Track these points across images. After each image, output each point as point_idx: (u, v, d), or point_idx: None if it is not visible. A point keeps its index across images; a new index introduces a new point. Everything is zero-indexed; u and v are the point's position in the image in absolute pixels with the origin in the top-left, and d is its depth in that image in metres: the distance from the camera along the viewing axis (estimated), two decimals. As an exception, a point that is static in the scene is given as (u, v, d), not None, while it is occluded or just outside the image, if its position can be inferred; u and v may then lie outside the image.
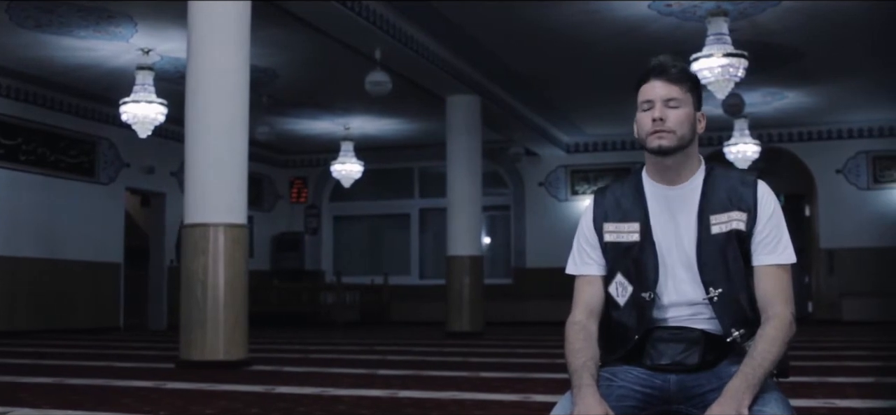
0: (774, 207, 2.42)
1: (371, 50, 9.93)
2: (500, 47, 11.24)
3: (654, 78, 2.41)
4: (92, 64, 11.41)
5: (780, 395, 2.25)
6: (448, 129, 12.73)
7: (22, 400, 4.64)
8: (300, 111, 14.58)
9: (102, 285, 13.99)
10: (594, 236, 2.52)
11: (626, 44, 10.49)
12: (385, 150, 17.54)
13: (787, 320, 2.34)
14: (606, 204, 2.53)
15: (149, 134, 11.15)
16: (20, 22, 9.79)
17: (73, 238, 13.39)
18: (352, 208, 19.20)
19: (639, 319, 2.43)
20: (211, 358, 6.79)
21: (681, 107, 2.38)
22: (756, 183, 2.43)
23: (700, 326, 2.39)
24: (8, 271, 12.38)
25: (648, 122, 2.40)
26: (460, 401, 4.59)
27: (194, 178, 7.05)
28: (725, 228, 2.38)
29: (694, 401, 2.33)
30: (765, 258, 2.39)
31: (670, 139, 2.38)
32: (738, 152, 13.91)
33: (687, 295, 2.41)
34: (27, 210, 12.68)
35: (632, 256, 2.45)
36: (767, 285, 2.37)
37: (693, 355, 2.36)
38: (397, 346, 9.94)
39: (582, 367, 2.34)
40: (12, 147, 12.50)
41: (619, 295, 2.48)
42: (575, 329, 2.45)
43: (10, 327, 12.20)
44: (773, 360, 2.25)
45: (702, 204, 2.41)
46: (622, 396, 2.35)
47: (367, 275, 18.19)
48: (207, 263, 6.87)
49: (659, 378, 2.38)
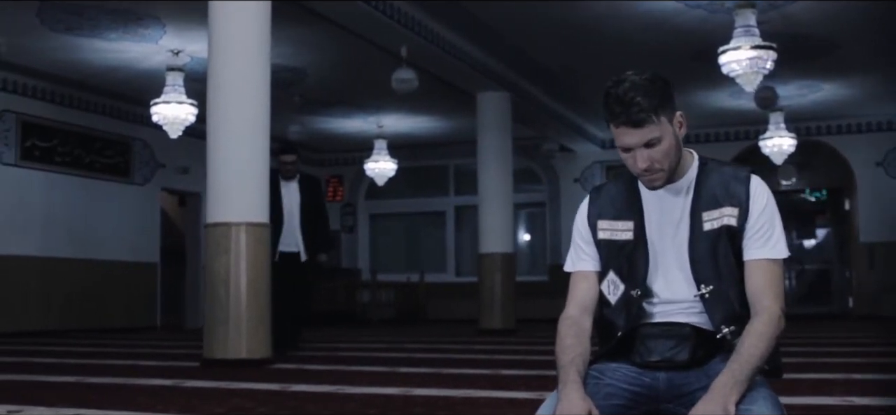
0: (767, 202, 2.36)
1: (397, 48, 9.92)
2: (529, 43, 11.20)
3: (623, 126, 2.26)
4: (123, 66, 11.53)
5: (769, 392, 2.21)
6: (479, 126, 12.71)
7: (38, 399, 4.68)
8: (332, 110, 14.62)
9: (139, 285, 14.14)
10: (588, 233, 2.49)
11: (654, 37, 10.41)
12: (420, 147, 17.56)
13: (776, 315, 2.28)
14: (601, 202, 2.50)
15: (180, 134, 11.25)
16: (51, 25, 9.92)
17: (109, 239, 13.55)
18: (388, 206, 19.23)
19: (628, 316, 2.41)
20: (234, 356, 6.82)
21: (662, 140, 2.27)
22: (749, 178, 2.38)
23: (689, 320, 2.35)
24: (43, 272, 12.55)
25: (635, 167, 2.32)
26: (473, 399, 4.57)
27: (216, 177, 7.09)
28: (717, 224, 2.34)
29: (683, 400, 2.29)
30: (755, 252, 2.34)
31: (662, 177, 2.33)
32: (774, 146, 13.73)
33: (679, 293, 2.38)
34: (63, 211, 12.85)
35: (625, 255, 2.42)
36: (757, 280, 2.33)
37: (683, 352, 2.32)
38: (426, 343, 9.94)
39: (569, 363, 2.31)
40: (48, 149, 12.66)
41: (610, 293, 2.45)
42: (566, 325, 2.43)
43: (45, 326, 12.38)
44: (762, 356, 2.20)
45: (694, 201, 2.38)
46: (610, 394, 2.32)
47: (403, 273, 18.22)
48: (230, 263, 6.90)
49: (648, 376, 2.34)
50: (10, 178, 12.15)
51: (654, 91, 2.26)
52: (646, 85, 2.26)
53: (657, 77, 2.31)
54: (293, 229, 8.36)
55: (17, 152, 12.27)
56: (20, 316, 12.20)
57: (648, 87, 2.26)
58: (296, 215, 8.39)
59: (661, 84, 2.30)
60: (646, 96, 2.24)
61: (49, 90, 12.61)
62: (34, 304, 12.44)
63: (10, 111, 12.14)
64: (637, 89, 2.24)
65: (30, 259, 12.40)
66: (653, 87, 2.26)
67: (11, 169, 12.19)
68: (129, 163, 14.06)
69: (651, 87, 2.26)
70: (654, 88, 2.26)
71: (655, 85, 2.28)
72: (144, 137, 13.98)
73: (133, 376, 5.99)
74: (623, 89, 2.25)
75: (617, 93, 2.26)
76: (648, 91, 2.25)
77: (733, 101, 13.80)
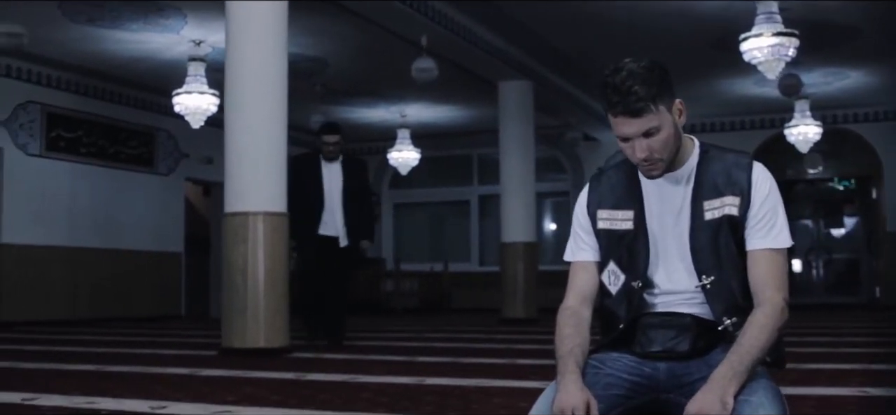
0: (770, 190, 2.33)
1: (417, 37, 9.92)
2: (550, 31, 11.17)
3: (621, 115, 2.22)
4: (145, 56, 11.60)
5: (770, 383, 2.17)
6: (500, 115, 12.69)
7: (55, 387, 4.73)
8: (354, 100, 14.63)
9: (164, 274, 14.25)
10: (588, 222, 2.47)
11: (676, 24, 10.35)
12: (443, 137, 17.55)
13: (779, 306, 2.26)
14: (601, 190, 2.48)
15: (202, 124, 11.30)
16: (72, 17, 9.99)
17: (133, 228, 13.65)
18: (411, 196, 19.25)
19: (628, 307, 2.39)
20: (252, 345, 6.86)
21: (661, 130, 2.23)
22: (751, 166, 2.35)
23: (691, 310, 2.33)
24: (70, 261, 12.67)
25: (633, 156, 2.29)
26: (485, 388, 4.56)
27: (234, 167, 7.12)
28: (718, 213, 2.31)
29: (683, 390, 2.27)
30: (758, 242, 2.32)
31: (662, 166, 2.30)
32: (799, 134, 13.61)
33: (680, 283, 2.36)
34: (88, 201, 12.97)
35: (625, 244, 2.40)
36: (760, 270, 2.30)
37: (684, 342, 2.31)
38: (447, 333, 9.95)
39: (568, 354, 2.30)
40: (73, 140, 12.77)
41: (611, 283, 2.44)
42: (565, 315, 2.42)
43: (73, 315, 12.51)
44: (763, 347, 2.18)
45: (695, 190, 2.34)
46: (609, 384, 2.30)
47: (428, 262, 18.23)
48: (247, 252, 6.93)
49: (648, 366, 2.33)
50: (35, 168, 12.27)
51: (653, 79, 2.21)
52: (643, 73, 2.21)
53: (655, 65, 2.25)
54: (334, 213, 7.97)
55: (43, 143, 12.38)
56: (47, 305, 12.33)
57: (646, 75, 2.21)
58: (337, 198, 7.99)
59: (659, 72, 2.24)
60: (644, 85, 2.19)
61: (73, 81, 12.71)
62: (61, 293, 12.56)
63: (34, 102, 12.24)
64: (635, 78, 2.19)
65: (56, 249, 12.52)
66: (651, 76, 2.21)
67: (37, 160, 12.30)
68: (154, 153, 14.15)
69: (649, 75, 2.21)
70: (652, 77, 2.21)
71: (653, 73, 2.22)
72: (168, 127, 14.05)
73: (151, 365, 6.03)
74: (620, 78, 2.21)
75: (614, 82, 2.21)
76: (646, 79, 2.20)
77: (758, 89, 13.69)
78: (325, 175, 7.97)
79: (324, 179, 7.95)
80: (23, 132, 12.09)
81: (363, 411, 3.79)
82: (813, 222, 19.80)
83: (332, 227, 7.96)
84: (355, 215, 8.06)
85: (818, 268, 19.53)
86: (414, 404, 4.04)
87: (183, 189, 14.92)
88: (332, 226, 7.96)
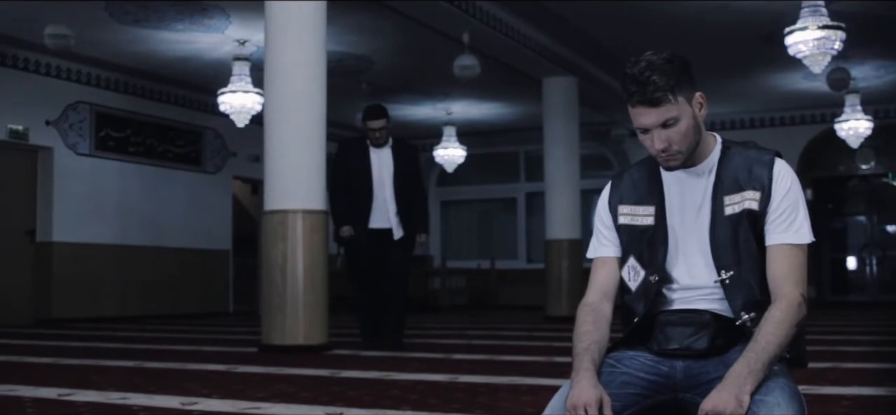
0: (791, 185, 2.30)
1: (459, 34, 9.91)
2: (594, 27, 11.11)
3: (639, 105, 2.22)
4: (192, 56, 11.72)
5: (787, 382, 2.14)
6: (545, 111, 12.65)
7: (92, 383, 4.80)
8: (400, 97, 14.65)
9: (212, 272, 14.39)
10: (609, 218, 2.47)
11: (722, 18, 10.23)
12: (490, 134, 17.54)
13: (796, 301, 2.22)
14: (623, 186, 2.47)
15: (247, 123, 11.39)
16: (119, 18, 10.12)
17: (181, 226, 13.81)
18: (459, 193, 19.27)
19: (646, 302, 2.37)
20: (291, 342, 6.91)
21: (679, 120, 2.23)
22: (773, 161, 2.32)
23: (709, 306, 2.30)
24: (119, 259, 12.84)
25: (651, 147, 2.28)
26: (515, 386, 4.54)
27: (273, 166, 7.18)
28: (738, 208, 2.29)
29: (700, 389, 2.24)
30: (777, 237, 2.28)
31: (680, 158, 2.28)
32: (850, 129, 13.37)
33: (700, 279, 2.34)
34: (137, 200, 13.13)
35: (645, 240, 2.39)
36: (778, 265, 2.27)
37: (702, 340, 2.29)
38: (489, 330, 9.93)
39: (584, 351, 2.29)
40: (121, 139, 12.94)
41: (630, 279, 2.43)
42: (585, 311, 2.41)
43: (122, 312, 12.69)
44: (780, 344, 2.14)
45: (716, 185, 2.32)
46: (625, 382, 2.29)
47: (475, 259, 18.23)
48: (286, 250, 6.98)
49: (665, 365, 2.31)
50: (85, 167, 12.45)
51: (672, 70, 2.21)
52: (662, 64, 2.21)
53: (675, 56, 2.25)
54: (385, 203, 7.21)
55: (92, 142, 12.56)
56: (97, 303, 12.52)
57: (665, 66, 2.21)
58: (388, 186, 7.23)
59: (678, 63, 2.24)
60: (662, 75, 2.19)
61: (122, 81, 12.87)
62: (111, 291, 12.74)
63: (84, 102, 12.42)
64: (653, 68, 2.20)
65: (106, 247, 12.70)
66: (670, 67, 2.21)
67: (86, 159, 12.48)
68: (201, 152, 14.30)
69: (668, 66, 2.21)
70: (671, 68, 2.21)
71: (673, 64, 2.22)
72: (216, 126, 14.18)
73: (190, 362, 6.11)
74: (639, 68, 2.21)
75: (633, 72, 2.22)
76: (665, 70, 2.20)
77: (806, 84, 13.48)
78: (373, 162, 7.22)
79: (372, 167, 7.21)
80: (73, 132, 12.27)
81: (389, 409, 3.79)
82: (867, 219, 19.46)
83: (384, 218, 7.23)
84: (408, 204, 7.28)
85: (872, 265, 19.16)
86: (441, 401, 4.04)
87: (231, 187, 15.06)
88: (383, 217, 7.23)
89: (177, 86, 13.49)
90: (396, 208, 7.23)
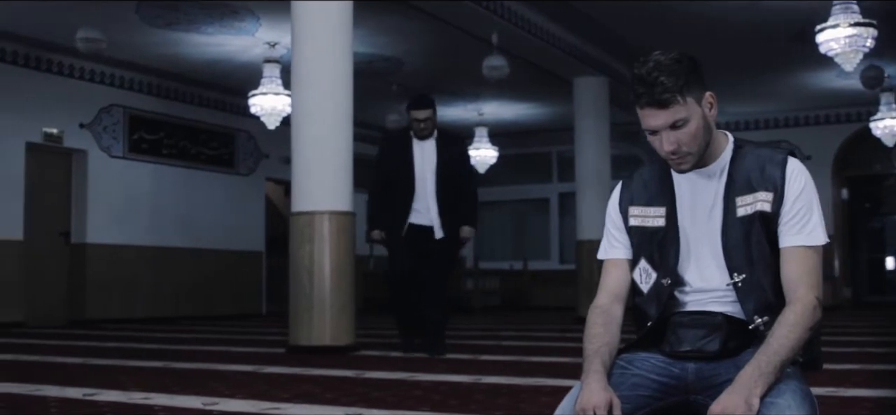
0: (804, 186, 2.26)
1: (489, 35, 9.91)
2: (624, 27, 11.05)
3: (647, 106, 2.20)
4: (223, 59, 11.81)
5: (799, 385, 2.10)
6: (576, 111, 12.64)
7: (117, 383, 4.84)
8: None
9: (245, 273, 14.49)
10: (620, 219, 2.44)
11: (753, 17, 10.16)
12: (522, 134, 17.52)
13: (811, 304, 2.17)
14: (634, 187, 2.45)
15: (278, 125, 11.46)
16: (150, 21, 10.22)
17: (214, 228, 13.91)
18: (491, 194, 19.20)
19: (659, 305, 2.35)
20: (318, 343, 6.93)
21: (689, 121, 2.19)
22: (786, 160, 2.28)
23: (722, 309, 2.28)
24: (153, 261, 12.97)
25: (661, 149, 2.25)
26: (538, 387, 4.53)
27: (300, 167, 7.21)
28: (750, 210, 2.25)
29: (711, 391, 2.21)
30: (791, 239, 2.24)
31: (690, 160, 2.25)
32: (885, 128, 13.22)
33: (712, 281, 2.31)
34: (170, 202, 13.26)
35: (656, 242, 2.36)
36: (792, 268, 2.23)
37: (714, 342, 2.26)
38: (519, 331, 9.92)
39: (594, 353, 2.27)
40: (155, 141, 13.07)
41: (642, 281, 2.40)
42: (596, 314, 2.39)
43: (157, 313, 12.80)
44: (792, 347, 2.10)
45: (728, 186, 2.29)
46: (636, 384, 2.27)
47: (508, 260, 18.22)
48: (313, 251, 7.01)
49: (677, 367, 2.28)
50: (119, 170, 12.59)
51: (680, 70, 2.18)
52: (671, 64, 2.18)
53: (684, 56, 2.22)
54: (426, 198, 6.78)
55: (126, 145, 12.70)
56: (131, 304, 12.65)
57: (673, 66, 2.18)
58: (430, 181, 6.79)
59: (687, 63, 2.21)
60: (670, 76, 2.17)
61: (155, 84, 13.00)
62: (144, 292, 12.87)
63: (117, 105, 12.55)
64: (661, 69, 2.17)
65: (140, 248, 12.83)
66: (678, 67, 2.19)
67: (120, 161, 12.62)
68: (234, 154, 14.40)
69: (676, 66, 2.18)
70: (679, 68, 2.19)
71: (681, 64, 2.20)
72: (248, 128, 14.27)
73: (217, 362, 6.14)
74: (647, 69, 2.19)
75: (641, 73, 2.20)
76: (673, 70, 2.17)
77: (840, 83, 13.33)
78: (416, 155, 6.81)
79: (415, 161, 6.80)
80: (106, 135, 12.41)
81: (409, 409, 3.79)
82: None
83: (426, 215, 6.79)
84: (451, 200, 6.81)
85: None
86: (462, 402, 4.03)
87: (263, 189, 15.15)
88: (424, 214, 6.80)
89: (209, 88, 13.60)
90: (438, 207, 6.78)
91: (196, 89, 13.54)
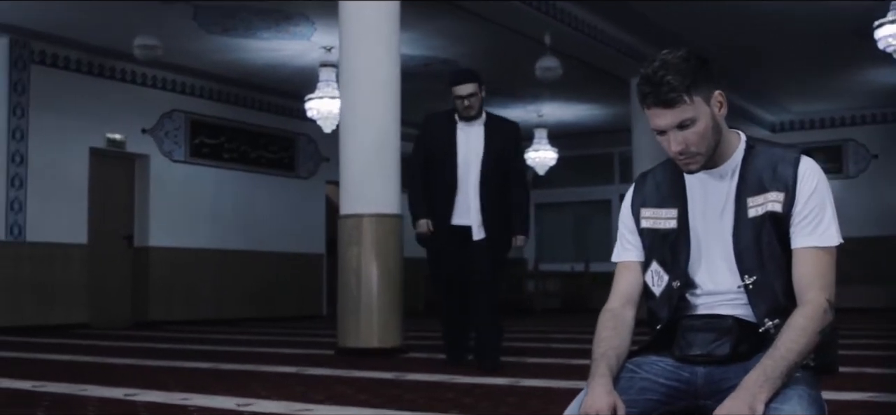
0: (817, 185, 2.21)
1: (540, 35, 9.88)
2: (681, 27, 10.93)
3: (654, 106, 2.17)
4: (280, 63, 11.95)
5: (807, 390, 2.06)
6: (633, 112, 12.56)
7: (159, 383, 4.92)
8: (489, 100, 14.45)
9: (305, 276, 14.64)
10: (632, 222, 2.43)
11: (814, 14, 10.00)
12: (583, 136, 17.44)
13: (821, 307, 2.13)
14: (646, 189, 2.42)
15: (334, 128, 11.54)
16: (208, 28, 10.39)
17: (275, 231, 14.07)
18: (553, 196, 19.19)
19: (670, 308, 2.32)
20: (365, 345, 6.96)
21: (697, 121, 2.16)
22: (798, 160, 2.23)
23: (733, 312, 2.24)
24: (215, 263, 13.17)
25: (669, 149, 2.22)
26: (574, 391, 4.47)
27: (348, 170, 7.25)
28: (761, 210, 2.22)
29: (720, 396, 2.16)
30: (803, 240, 2.20)
31: (699, 160, 2.22)
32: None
33: (723, 283, 2.27)
34: (231, 205, 13.45)
35: (668, 244, 2.33)
36: (804, 270, 2.18)
37: (724, 346, 2.22)
38: (573, 334, 9.84)
39: (600, 357, 2.27)
40: (216, 146, 13.26)
41: (654, 284, 2.38)
42: (606, 317, 2.38)
43: (219, 315, 12.99)
44: (801, 351, 2.06)
45: (739, 186, 2.25)
46: (644, 388, 2.25)
47: (570, 262, 18.13)
48: (360, 254, 7.04)
49: (686, 371, 2.26)
50: (181, 174, 12.80)
51: (687, 69, 2.15)
52: (678, 63, 2.16)
53: (691, 55, 2.19)
54: (467, 190, 5.77)
55: (187, 149, 12.91)
56: (193, 306, 12.86)
57: (680, 65, 2.15)
58: (474, 170, 5.76)
59: (695, 62, 2.18)
60: (677, 75, 2.14)
61: (215, 89, 13.20)
62: (206, 295, 13.07)
63: (179, 111, 12.78)
64: (668, 68, 2.15)
65: (201, 251, 13.03)
66: (685, 66, 2.16)
67: (182, 165, 12.83)
68: (294, 157, 14.56)
69: (684, 65, 2.16)
70: (686, 67, 2.16)
71: (689, 63, 2.16)
72: (308, 131, 14.41)
73: (263, 363, 6.20)
74: (653, 68, 2.17)
75: (647, 73, 2.18)
76: (680, 69, 2.15)
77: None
78: (460, 140, 5.80)
79: (458, 147, 5.80)
80: (168, 140, 12.63)
81: (438, 412, 3.79)
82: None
83: (465, 213, 5.79)
84: (499, 196, 5.78)
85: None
86: (493, 405, 4.03)
87: (324, 191, 15.28)
88: (464, 212, 5.80)
89: (267, 93, 13.77)
90: (480, 203, 5.74)
91: (255, 94, 13.72)
